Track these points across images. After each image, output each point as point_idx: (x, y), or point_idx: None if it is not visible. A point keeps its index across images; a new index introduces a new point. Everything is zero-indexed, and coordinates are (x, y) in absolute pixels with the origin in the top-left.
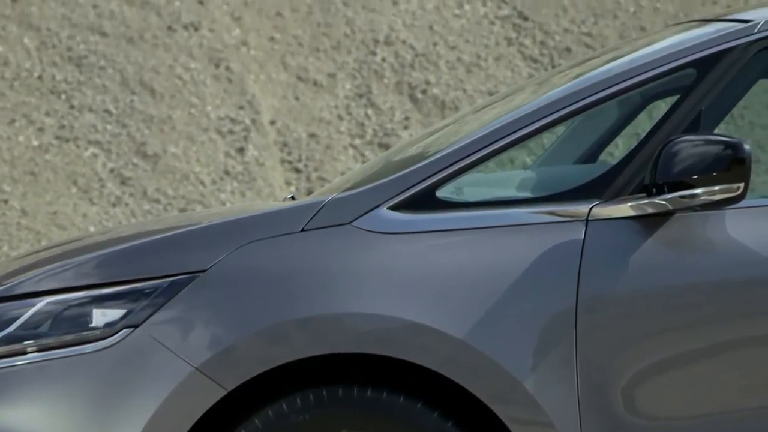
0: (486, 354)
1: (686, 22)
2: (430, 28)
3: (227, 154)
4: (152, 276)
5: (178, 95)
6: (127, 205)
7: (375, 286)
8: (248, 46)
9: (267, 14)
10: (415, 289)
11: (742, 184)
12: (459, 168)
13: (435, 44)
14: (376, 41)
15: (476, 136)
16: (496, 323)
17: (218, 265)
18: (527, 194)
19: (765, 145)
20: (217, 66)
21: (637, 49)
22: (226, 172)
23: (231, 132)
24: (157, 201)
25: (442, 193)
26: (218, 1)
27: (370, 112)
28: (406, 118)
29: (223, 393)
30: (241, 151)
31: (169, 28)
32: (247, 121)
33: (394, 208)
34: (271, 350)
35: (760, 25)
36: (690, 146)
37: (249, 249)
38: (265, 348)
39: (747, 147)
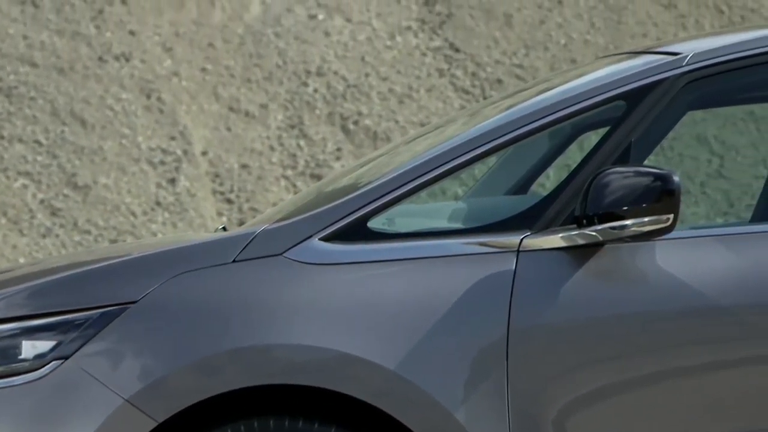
0: (418, 385)
1: (616, 54)
2: (362, 59)
3: (158, 185)
4: (83, 307)
5: (109, 126)
6: (57, 236)
7: (307, 317)
8: (180, 76)
9: (199, 45)
10: (346, 320)
11: (671, 216)
12: (391, 199)
13: (367, 75)
14: (308, 72)
15: (408, 167)
16: (428, 354)
17: (149, 296)
18: (459, 225)
19: (694, 176)
20: (148, 97)
21: (567, 81)
22: (158, 203)
23: (162, 163)
24: (88, 232)
25: (374, 224)
26: (149, 32)
27: (302, 142)
28: (338, 149)
29: (154, 425)
30: (172, 181)
31: (100, 58)
32: (179, 152)
33: (326, 239)
34: (202, 381)
35: (688, 58)
36: (620, 178)
37: (180, 280)
38: (196, 379)
39: (676, 178)
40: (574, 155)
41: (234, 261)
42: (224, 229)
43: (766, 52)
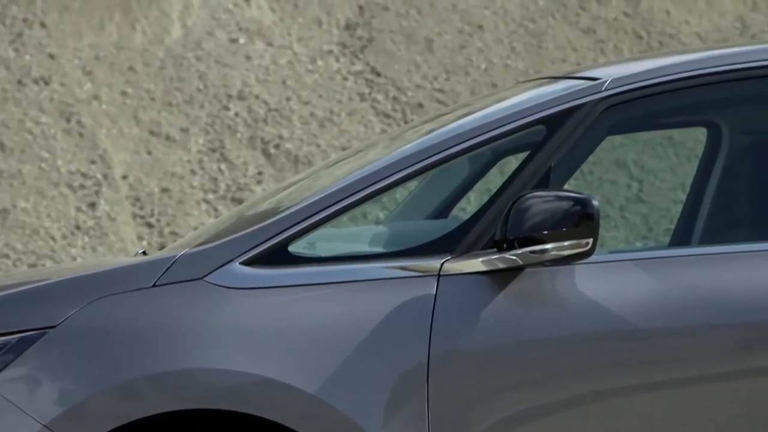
0: (338, 409)
1: (536, 79)
2: (283, 83)
3: (78, 209)
4: (1, 332)
5: (28, 149)
6: None
7: (228, 342)
8: (100, 100)
9: (119, 69)
10: (267, 344)
11: (590, 240)
12: (312, 223)
13: (288, 99)
14: (229, 96)
15: (329, 191)
16: (349, 378)
17: (68, 321)
18: (380, 249)
19: (613, 200)
20: (68, 120)
21: (488, 106)
22: (77, 227)
23: (82, 186)
24: (6, 256)
25: (294, 248)
26: (69, 55)
27: (223, 166)
28: (260, 173)
29: None
30: (92, 205)
31: (19, 82)
32: (99, 176)
33: (246, 263)
34: (123, 406)
35: (607, 83)
36: (540, 202)
37: (100, 305)
38: (116, 404)
39: (595, 203)
40: (494, 179)
41: (154, 285)
42: (144, 253)
43: (684, 77)
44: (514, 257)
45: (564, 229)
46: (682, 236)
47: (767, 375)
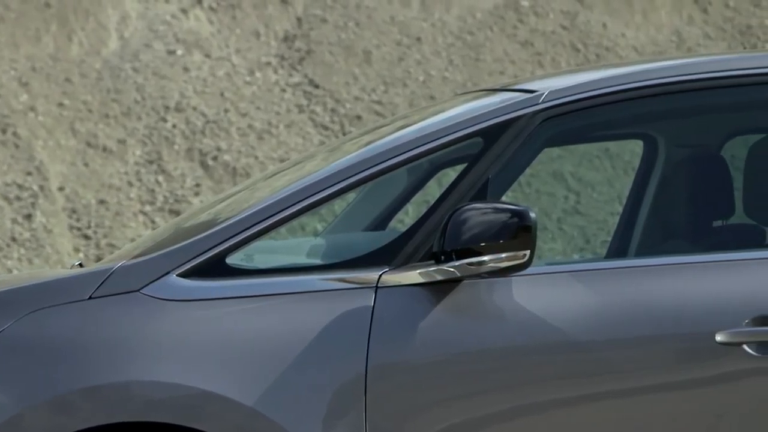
0: (276, 422)
1: (474, 91)
2: (221, 95)
3: (14, 221)
4: None
5: None
6: None
7: (164, 354)
8: (36, 111)
9: (56, 80)
10: (204, 356)
11: (528, 252)
12: (249, 235)
13: (226, 111)
14: (167, 108)
15: (267, 203)
16: (287, 391)
17: (4, 334)
18: (318, 261)
19: (551, 212)
20: (3, 131)
21: (426, 118)
22: (13, 239)
23: (18, 198)
24: None
25: (232, 260)
26: (5, 66)
27: (160, 178)
28: (197, 185)
29: None
30: (28, 217)
31: None
32: (35, 188)
33: (183, 275)
34: (58, 420)
35: (544, 95)
36: (477, 214)
37: (36, 317)
38: (52, 417)
39: (533, 215)
40: (432, 191)
41: (90, 297)
42: (81, 265)
43: (621, 90)
44: (452, 269)
45: (501, 241)
46: (618, 248)
47: (702, 386)
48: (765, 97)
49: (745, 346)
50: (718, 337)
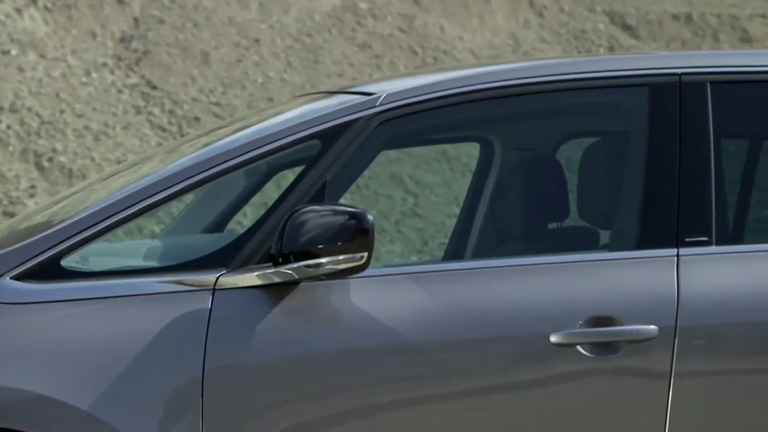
0: (112, 425)
1: (312, 93)
2: (57, 95)
3: None
4: None
5: None
6: None
7: None
8: None
9: None
10: (38, 360)
11: (365, 254)
12: (85, 237)
13: (62, 112)
14: (1, 108)
15: (103, 205)
16: (123, 394)
17: None
18: (155, 264)
19: (389, 215)
20: None
21: (264, 120)
22: None
23: None
24: None
25: (67, 262)
26: None
27: None
28: (32, 186)
29: None
30: None
31: None
32: None
33: (18, 277)
34: None
35: (382, 98)
36: (316, 216)
37: None
38: None
39: (370, 217)
40: (270, 193)
41: None
42: None
43: (458, 93)
44: (289, 271)
45: (339, 244)
46: (455, 250)
47: (537, 387)
48: (599, 101)
49: (578, 347)
50: (553, 339)
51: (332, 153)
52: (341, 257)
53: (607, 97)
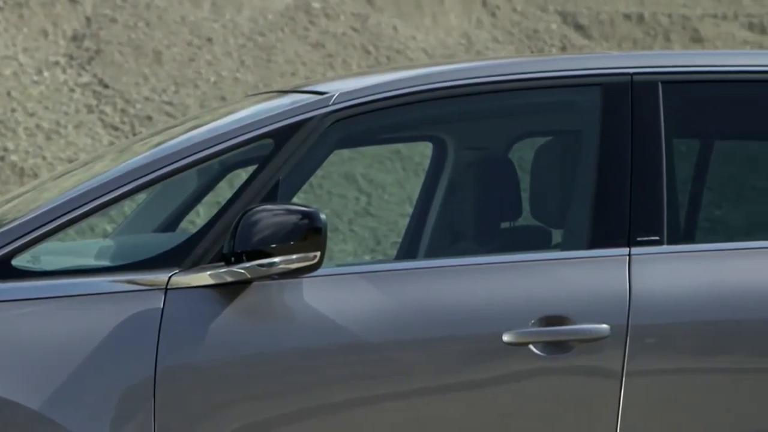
0: (63, 425)
1: (265, 92)
2: (8, 94)
3: None
4: None
5: None
6: None
7: None
8: None
9: None
10: None
11: (318, 253)
12: (36, 236)
13: (13, 111)
14: None
15: (55, 204)
16: (75, 394)
17: None
18: (107, 263)
19: (342, 214)
20: None
21: (217, 119)
22: None
23: None
24: None
25: (18, 261)
26: None
27: None
28: None
29: None
30: None
31: None
32: None
33: None
34: None
35: (335, 97)
36: (268, 215)
37: None
38: None
39: (323, 216)
40: (223, 192)
41: None
42: None
43: (410, 92)
44: (242, 271)
45: (292, 243)
46: (408, 249)
47: (489, 386)
48: (551, 101)
49: (531, 346)
50: (505, 338)
51: (285, 152)
52: (294, 256)
53: (559, 97)
